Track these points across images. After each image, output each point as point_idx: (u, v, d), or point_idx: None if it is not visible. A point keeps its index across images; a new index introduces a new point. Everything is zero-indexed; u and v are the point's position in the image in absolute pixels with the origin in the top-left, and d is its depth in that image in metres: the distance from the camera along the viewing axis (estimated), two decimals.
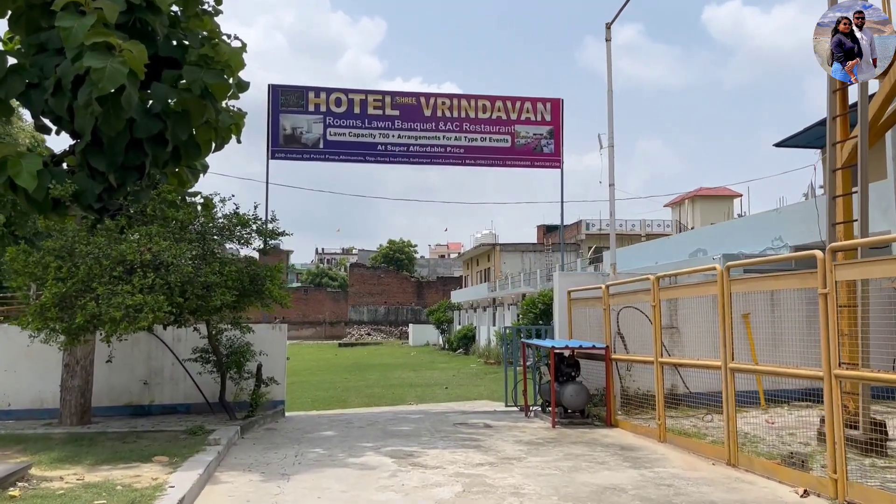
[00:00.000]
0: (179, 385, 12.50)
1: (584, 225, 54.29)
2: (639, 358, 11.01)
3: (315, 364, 40.78)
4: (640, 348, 12.06)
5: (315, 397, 23.13)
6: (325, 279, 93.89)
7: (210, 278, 9.17)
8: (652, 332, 12.57)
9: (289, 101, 13.69)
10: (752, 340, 12.41)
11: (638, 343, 12.31)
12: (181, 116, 11.16)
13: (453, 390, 23.63)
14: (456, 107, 14.29)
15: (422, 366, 37.03)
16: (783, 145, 19.38)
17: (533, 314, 30.71)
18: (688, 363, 9.58)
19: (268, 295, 10.03)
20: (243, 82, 11.67)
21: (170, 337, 12.40)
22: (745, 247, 19.96)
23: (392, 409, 16.98)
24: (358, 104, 13.93)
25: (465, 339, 47.00)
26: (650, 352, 12.10)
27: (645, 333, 12.34)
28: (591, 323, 13.01)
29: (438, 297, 69.41)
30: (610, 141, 13.43)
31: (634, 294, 11.23)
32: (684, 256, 23.50)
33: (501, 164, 14.45)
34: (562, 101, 14.65)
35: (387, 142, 14.01)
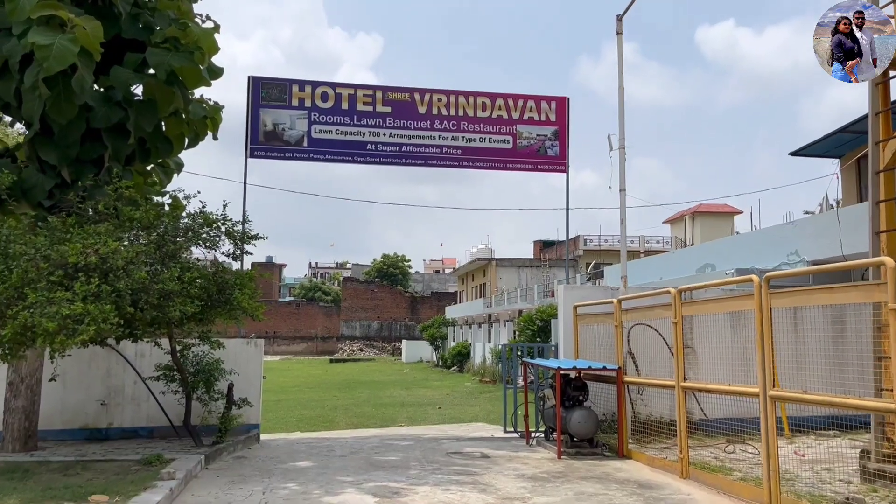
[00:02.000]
0: (141, 406, 11.21)
1: (583, 240, 53.30)
2: (656, 382, 9.79)
3: (304, 381, 39.51)
4: (654, 370, 10.88)
5: (301, 417, 21.89)
6: (318, 293, 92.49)
7: (168, 285, 7.93)
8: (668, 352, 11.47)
9: (270, 95, 12.51)
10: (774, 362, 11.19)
11: (651, 364, 11.12)
12: (145, 105, 9.97)
13: (447, 411, 22.41)
14: (453, 104, 13.12)
15: (414, 384, 35.80)
16: (799, 154, 18.32)
17: (530, 331, 29.60)
18: (717, 389, 8.35)
19: (236, 306, 8.76)
20: (216, 68, 10.49)
21: (132, 352, 11.13)
22: (757, 262, 18.79)
23: (380, 433, 15.68)
24: (346, 99, 12.75)
25: (459, 356, 45.80)
26: (665, 373, 10.92)
27: (659, 353, 11.18)
28: (599, 341, 11.80)
29: (433, 313, 68.08)
30: (621, 143, 12.28)
31: (651, 310, 10.03)
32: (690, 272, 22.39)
33: (502, 167, 13.27)
34: (568, 100, 13.50)
35: (377, 140, 12.83)
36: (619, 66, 12.35)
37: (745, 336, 9.61)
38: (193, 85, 10.28)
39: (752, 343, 9.69)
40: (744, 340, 9.68)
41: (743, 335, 9.70)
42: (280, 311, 79.22)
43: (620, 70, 12.33)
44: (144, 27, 10.25)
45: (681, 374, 8.85)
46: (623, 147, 12.28)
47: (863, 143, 17.50)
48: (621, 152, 12.28)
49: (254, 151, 12.45)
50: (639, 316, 10.39)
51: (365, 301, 76.01)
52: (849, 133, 16.33)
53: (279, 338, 77.56)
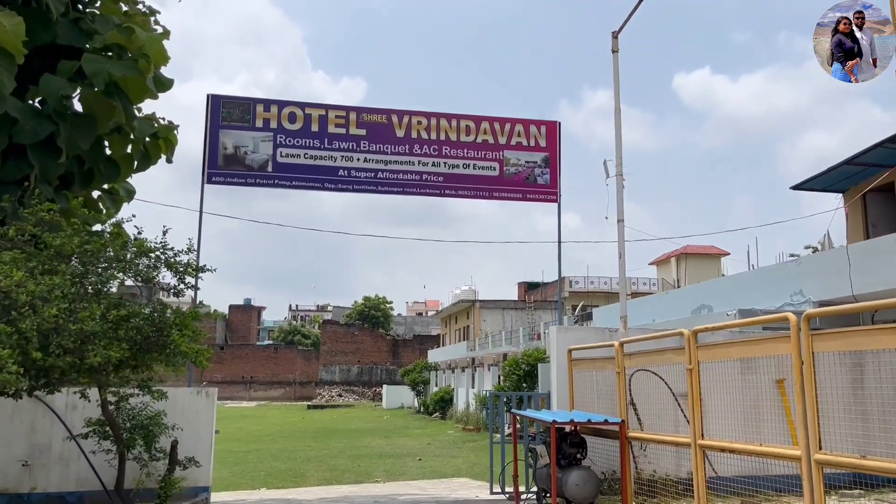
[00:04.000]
0: (71, 467, 9.67)
1: (568, 282, 52.30)
2: (668, 439, 8.47)
3: (279, 429, 37.75)
4: (658, 422, 9.60)
5: (270, 470, 20.33)
6: (297, 336, 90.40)
7: (88, 325, 6.55)
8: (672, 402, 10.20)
9: (232, 115, 11.28)
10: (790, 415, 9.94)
11: (654, 415, 9.83)
12: (81, 120, 8.71)
13: (428, 462, 20.88)
14: (434, 127, 11.95)
15: (394, 432, 34.17)
16: (801, 188, 17.41)
17: (516, 376, 28.16)
18: (745, 449, 7.02)
19: (173, 349, 7.36)
20: (164, 79, 9.28)
21: (62, 404, 9.64)
22: (758, 302, 17.66)
23: (352, 492, 14.14)
24: (316, 121, 11.54)
25: (442, 401, 44.23)
26: (669, 426, 9.63)
27: (663, 403, 9.91)
28: (598, 389, 10.50)
29: (415, 357, 66.32)
30: (618, 169, 11.18)
31: (661, 354, 8.76)
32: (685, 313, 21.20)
33: (487, 196, 12.06)
34: (559, 125, 12.41)
35: (350, 166, 11.59)
36: (615, 87, 11.32)
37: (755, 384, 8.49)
38: (138, 97, 9.06)
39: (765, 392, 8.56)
40: (754, 389, 8.56)
41: (753, 383, 8.57)
42: (258, 355, 77.10)
43: (617, 90, 11.30)
44: (84, 33, 9.05)
45: (698, 429, 7.54)
46: (621, 174, 11.17)
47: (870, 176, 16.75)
48: (618, 179, 11.16)
49: (211, 177, 11.15)
50: (645, 361, 9.12)
51: (345, 344, 74.11)
52: (854, 165, 15.44)
53: (256, 383, 75.32)
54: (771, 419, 8.49)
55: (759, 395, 8.53)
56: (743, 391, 8.76)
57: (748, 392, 8.66)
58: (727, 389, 8.53)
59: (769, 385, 9.35)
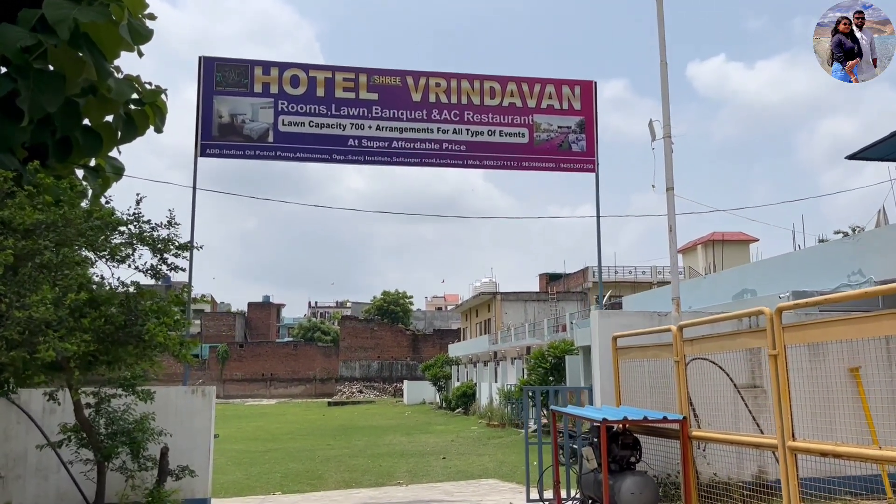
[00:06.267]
0: (50, 479, 8.50)
1: (591, 272, 50.85)
2: (745, 439, 7.10)
3: (298, 427, 36.73)
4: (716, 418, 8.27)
5: (287, 471, 19.21)
6: (317, 333, 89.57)
7: (38, 312, 5.31)
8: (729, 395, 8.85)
9: (227, 79, 10.00)
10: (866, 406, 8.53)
11: (711, 410, 8.49)
12: (45, 77, 7.47)
13: (452, 461, 19.62)
14: (455, 90, 10.59)
15: (416, 429, 32.97)
16: (856, 157, 15.90)
17: (542, 369, 26.90)
18: (854, 453, 5.60)
19: (148, 342, 6.09)
20: (143, 28, 8.04)
21: (38, 407, 8.47)
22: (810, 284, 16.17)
23: (371, 498, 12.89)
24: (322, 84, 10.22)
25: (464, 396, 43.04)
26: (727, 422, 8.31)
27: (721, 396, 8.56)
28: (648, 381, 9.16)
29: (435, 352, 65.12)
30: (666, 130, 9.78)
31: (733, 338, 7.37)
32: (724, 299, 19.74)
33: (516, 166, 10.69)
34: (595, 84, 11.01)
35: (361, 135, 10.26)
36: (660, 36, 9.92)
37: (825, 372, 7.21)
38: (111, 51, 7.84)
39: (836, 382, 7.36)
40: (824, 377, 7.27)
41: (823, 371, 7.28)
42: (277, 353, 76.38)
43: (662, 40, 9.89)
44: None
45: (787, 428, 6.16)
46: (669, 136, 9.77)
47: None
48: (666, 141, 9.77)
49: (205, 149, 9.88)
50: (711, 347, 7.73)
51: (364, 340, 73.12)
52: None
53: (276, 380, 74.60)
54: (844, 413, 7.23)
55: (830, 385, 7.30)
56: (812, 381, 7.47)
57: (819, 382, 7.36)
58: (794, 380, 7.17)
59: (842, 374, 8.02)
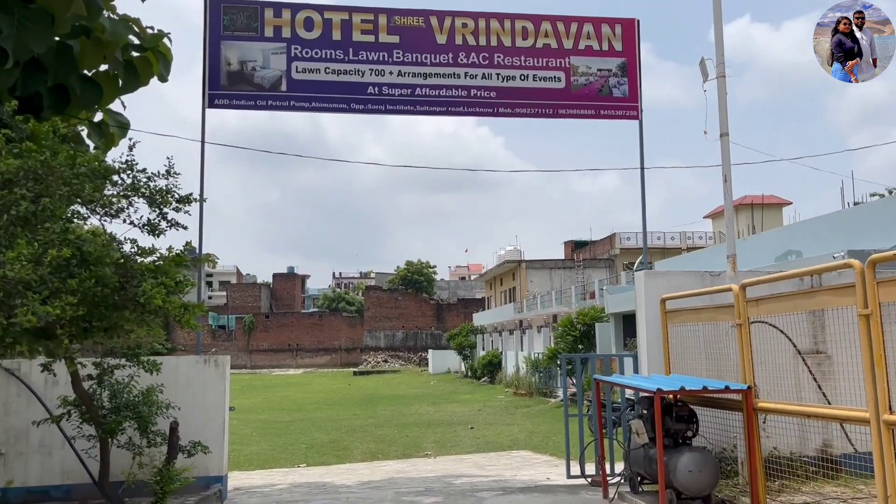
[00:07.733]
0: (54, 456, 7.90)
1: (618, 238, 49.73)
2: (825, 412, 6.24)
3: (324, 396, 36.55)
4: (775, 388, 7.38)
5: (312, 442, 18.84)
6: (341, 303, 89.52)
7: (14, 271, 4.59)
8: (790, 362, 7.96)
9: (235, 23, 9.14)
10: None
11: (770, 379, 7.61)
12: (31, 14, 6.66)
13: (480, 432, 19.05)
14: (483, 31, 9.62)
15: (442, 398, 32.56)
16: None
17: (571, 336, 26.24)
18: None
19: (145, 306, 5.34)
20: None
21: (40, 379, 7.83)
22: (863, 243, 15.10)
23: (399, 471, 12.26)
24: (338, 27, 9.32)
25: (490, 365, 42.64)
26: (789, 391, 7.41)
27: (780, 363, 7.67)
28: (703, 347, 8.30)
29: (460, 321, 64.66)
30: (719, 69, 8.77)
31: (810, 296, 6.47)
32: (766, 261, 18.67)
33: (552, 114, 9.72)
34: (637, 23, 9.96)
35: (381, 82, 9.37)
36: None
37: None
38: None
39: None
40: None
41: None
42: (303, 323, 76.48)
43: None
44: None
45: (882, 399, 5.28)
46: (723, 75, 8.77)
47: None
48: (720, 81, 8.78)
49: (213, 99, 9.07)
50: (783, 307, 6.84)
51: (389, 310, 72.87)
52: None
53: (302, 350, 74.76)
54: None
55: None
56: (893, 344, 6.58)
57: None
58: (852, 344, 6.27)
59: None
